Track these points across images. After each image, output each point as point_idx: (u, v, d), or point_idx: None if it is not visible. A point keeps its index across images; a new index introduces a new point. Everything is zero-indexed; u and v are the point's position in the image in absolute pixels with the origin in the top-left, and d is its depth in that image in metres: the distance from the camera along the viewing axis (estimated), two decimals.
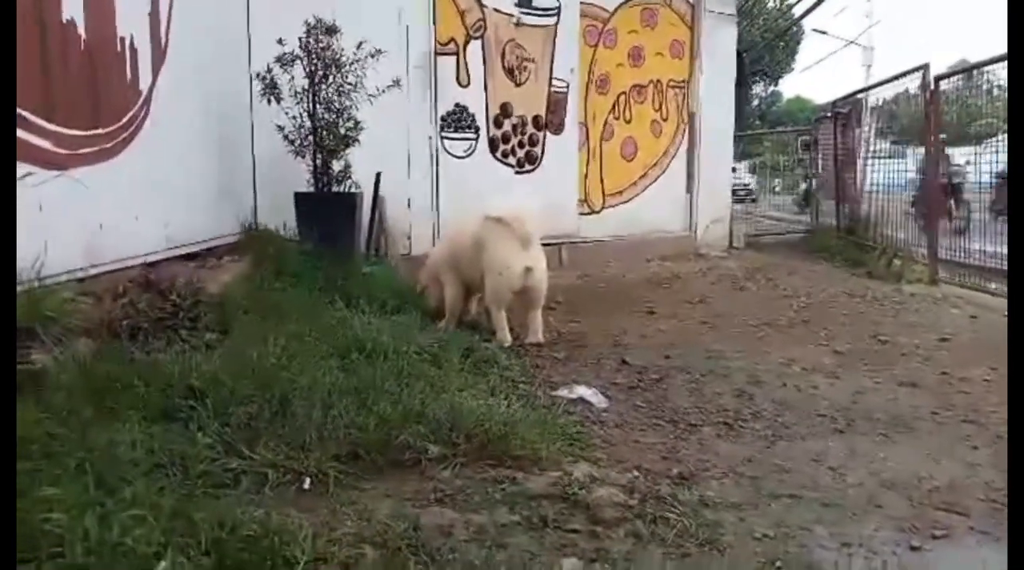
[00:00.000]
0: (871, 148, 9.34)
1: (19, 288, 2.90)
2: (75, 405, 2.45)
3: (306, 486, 2.32)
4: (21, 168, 3.26)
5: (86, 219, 3.80)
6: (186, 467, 2.23)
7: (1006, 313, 5.62)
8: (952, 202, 8.22)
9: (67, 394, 2.53)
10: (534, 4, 7.58)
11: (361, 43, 5.50)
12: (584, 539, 2.15)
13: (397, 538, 2.01)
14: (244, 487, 2.22)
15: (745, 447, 3.01)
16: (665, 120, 8.87)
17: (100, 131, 3.99)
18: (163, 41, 4.70)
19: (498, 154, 7.51)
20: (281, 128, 5.57)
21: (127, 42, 4.29)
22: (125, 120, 4.25)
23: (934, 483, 2.66)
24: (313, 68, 5.51)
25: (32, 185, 3.32)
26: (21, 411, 2.12)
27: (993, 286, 6.44)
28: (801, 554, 2.14)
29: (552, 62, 7.76)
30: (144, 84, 4.47)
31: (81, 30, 3.82)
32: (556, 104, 7.85)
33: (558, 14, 7.75)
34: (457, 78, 7.15)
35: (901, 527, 2.33)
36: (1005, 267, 6.42)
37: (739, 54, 9.85)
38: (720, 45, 9.06)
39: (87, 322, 3.17)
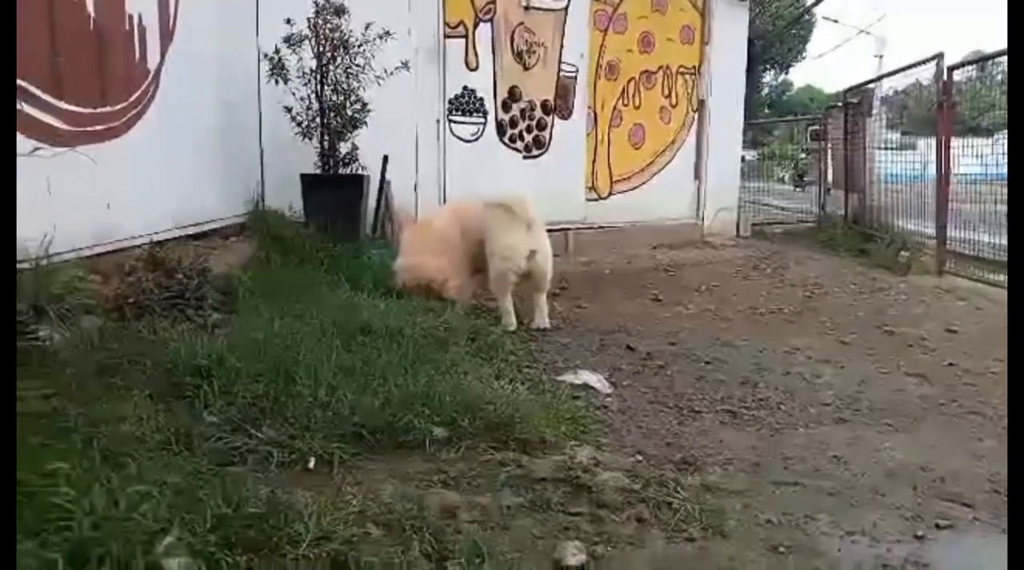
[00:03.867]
0: (881, 138, 9.27)
1: (27, 265, 2.91)
2: (82, 381, 2.47)
3: (310, 466, 2.32)
4: (29, 143, 3.26)
5: (94, 197, 3.81)
6: (191, 445, 2.24)
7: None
8: None
9: (75, 371, 2.55)
10: None
11: (369, 24, 5.47)
12: (587, 522, 2.15)
13: (401, 518, 2.02)
14: (249, 465, 2.23)
15: (749, 434, 3.01)
16: (674, 107, 8.80)
17: (108, 109, 3.98)
18: (172, 20, 4.68)
19: (506, 138, 7.47)
20: (288, 109, 5.56)
21: (135, 20, 4.27)
22: (133, 98, 4.24)
23: (938, 473, 2.66)
24: (321, 49, 5.48)
25: (40, 162, 3.32)
26: (30, 387, 2.14)
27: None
28: (805, 541, 2.14)
29: (561, 46, 7.71)
30: (152, 63, 4.46)
31: (90, 7, 3.81)
32: (565, 89, 7.80)
33: None
34: (466, 61, 7.10)
35: (905, 516, 2.33)
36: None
37: (750, 41, 9.76)
38: (731, 32, 8.98)
39: (94, 300, 3.18)
